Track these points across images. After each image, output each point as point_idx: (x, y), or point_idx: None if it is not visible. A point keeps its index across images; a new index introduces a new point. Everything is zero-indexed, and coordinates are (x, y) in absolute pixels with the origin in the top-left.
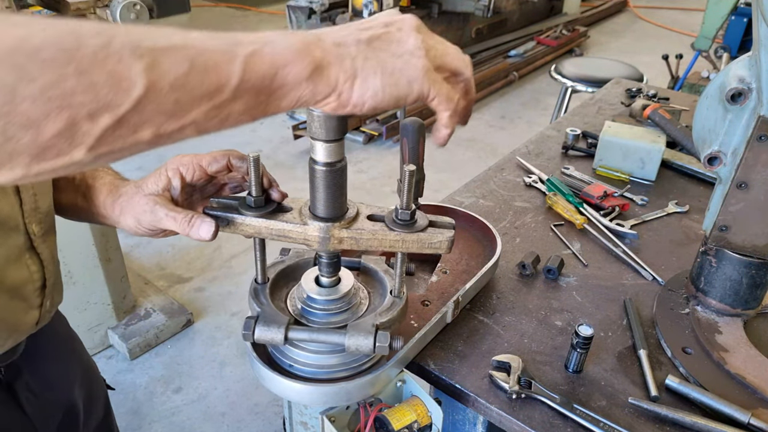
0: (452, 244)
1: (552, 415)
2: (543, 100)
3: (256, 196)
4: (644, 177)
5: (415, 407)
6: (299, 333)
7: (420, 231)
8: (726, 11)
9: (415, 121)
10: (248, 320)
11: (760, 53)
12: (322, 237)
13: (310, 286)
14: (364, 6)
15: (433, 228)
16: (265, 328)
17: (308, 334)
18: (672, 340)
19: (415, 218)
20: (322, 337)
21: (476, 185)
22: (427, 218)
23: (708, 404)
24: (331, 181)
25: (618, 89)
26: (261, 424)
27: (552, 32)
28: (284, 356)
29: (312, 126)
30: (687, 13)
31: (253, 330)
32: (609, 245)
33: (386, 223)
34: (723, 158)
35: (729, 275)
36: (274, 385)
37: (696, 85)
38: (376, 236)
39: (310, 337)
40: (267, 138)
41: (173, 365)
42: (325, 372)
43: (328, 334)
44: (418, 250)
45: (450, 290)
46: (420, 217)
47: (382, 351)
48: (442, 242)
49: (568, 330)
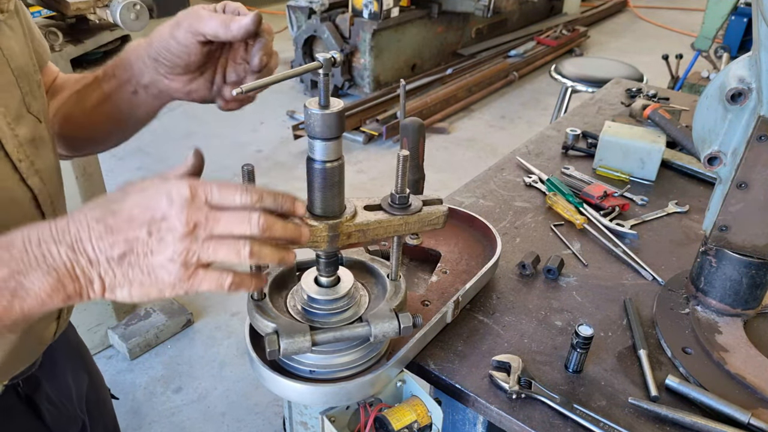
0: (447, 218)
1: (552, 415)
2: (543, 100)
3: None
4: (644, 177)
5: (415, 407)
6: (324, 336)
7: (418, 212)
8: (726, 11)
9: (415, 121)
10: (269, 337)
11: (760, 53)
12: (331, 235)
13: (314, 288)
14: (364, 6)
15: (428, 206)
16: (289, 340)
17: (332, 334)
18: (672, 340)
19: (410, 201)
20: (347, 334)
21: (476, 185)
22: (418, 199)
23: (708, 404)
24: (332, 179)
25: (618, 89)
26: (261, 424)
27: (552, 32)
28: (290, 359)
29: (311, 125)
30: (687, 13)
31: (278, 345)
32: (609, 245)
33: (386, 210)
34: (723, 158)
35: (729, 275)
36: (275, 386)
37: (696, 85)
38: (381, 224)
39: (335, 337)
40: (267, 138)
41: (173, 365)
42: (325, 372)
43: (351, 330)
44: (419, 229)
45: (450, 290)
46: (413, 199)
47: (408, 332)
48: (439, 217)
49: (568, 330)
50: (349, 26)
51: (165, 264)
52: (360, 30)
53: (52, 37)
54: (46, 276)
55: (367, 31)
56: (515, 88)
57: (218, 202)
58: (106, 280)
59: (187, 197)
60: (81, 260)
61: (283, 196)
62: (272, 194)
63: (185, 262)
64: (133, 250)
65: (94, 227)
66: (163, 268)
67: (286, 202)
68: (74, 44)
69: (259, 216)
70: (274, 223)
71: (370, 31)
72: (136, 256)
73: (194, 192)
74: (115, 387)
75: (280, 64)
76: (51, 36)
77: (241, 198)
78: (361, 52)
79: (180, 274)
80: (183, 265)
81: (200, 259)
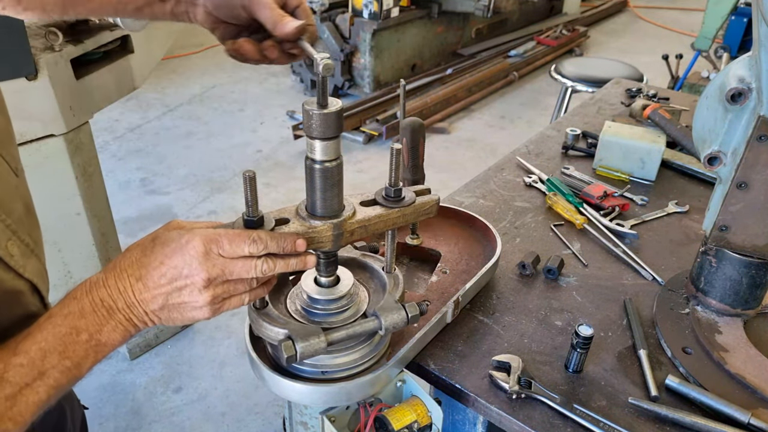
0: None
1: (552, 415)
2: (543, 100)
3: (254, 217)
4: (644, 177)
5: (415, 407)
6: (337, 334)
7: (413, 203)
8: (726, 11)
9: (415, 121)
10: (285, 343)
11: (760, 53)
12: (336, 234)
13: (316, 289)
14: (364, 6)
15: (421, 197)
16: (305, 343)
17: (345, 332)
18: (672, 340)
19: (403, 193)
20: (359, 330)
21: (476, 185)
22: (410, 190)
23: (708, 404)
24: (332, 178)
25: (618, 89)
26: (261, 424)
27: (552, 32)
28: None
29: (309, 125)
30: (687, 13)
31: (295, 349)
32: (609, 245)
33: (382, 204)
34: (723, 158)
35: (729, 275)
36: (275, 386)
37: (696, 85)
38: (381, 218)
39: (348, 335)
40: (267, 138)
41: (173, 365)
42: (325, 372)
43: (363, 326)
44: (415, 219)
45: (450, 290)
46: (405, 191)
47: (415, 320)
48: (432, 206)
49: (568, 330)
50: (349, 26)
51: (197, 308)
52: (360, 30)
53: (52, 37)
54: (116, 331)
55: (367, 31)
56: (515, 88)
57: (229, 254)
58: (155, 321)
59: (202, 254)
60: (135, 312)
61: (285, 239)
62: (275, 239)
63: (212, 304)
64: (168, 302)
65: (135, 285)
66: (196, 310)
67: (288, 244)
68: (74, 44)
69: (263, 263)
70: (275, 265)
71: (370, 31)
72: (173, 305)
73: (208, 249)
74: (115, 387)
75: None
76: (51, 36)
77: (248, 248)
78: (361, 52)
79: (209, 312)
80: (210, 306)
81: (223, 298)
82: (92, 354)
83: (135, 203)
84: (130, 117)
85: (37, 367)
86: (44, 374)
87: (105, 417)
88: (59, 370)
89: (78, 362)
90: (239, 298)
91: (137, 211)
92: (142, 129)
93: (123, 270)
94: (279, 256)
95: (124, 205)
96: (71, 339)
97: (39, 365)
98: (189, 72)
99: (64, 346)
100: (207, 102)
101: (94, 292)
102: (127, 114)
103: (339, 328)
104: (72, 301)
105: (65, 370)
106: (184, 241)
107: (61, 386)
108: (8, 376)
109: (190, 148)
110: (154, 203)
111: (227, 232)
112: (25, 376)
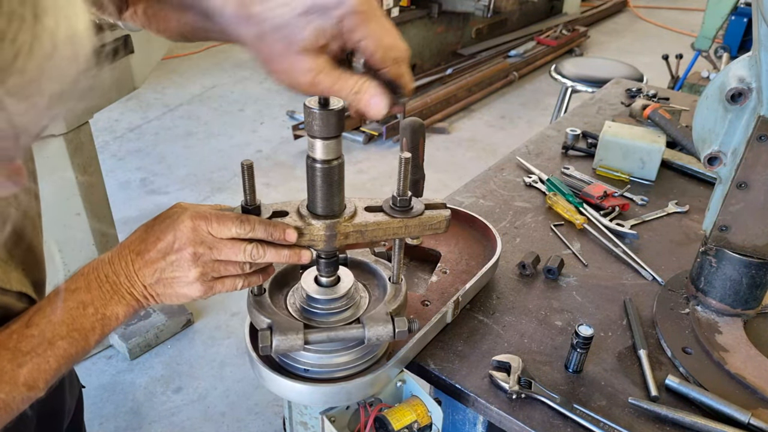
0: (449, 223)
1: (552, 415)
2: (543, 100)
3: (251, 205)
4: (644, 177)
5: (415, 407)
6: (317, 335)
7: (419, 215)
8: (726, 11)
9: (415, 121)
10: (263, 333)
11: (760, 53)
12: (328, 235)
13: (314, 288)
14: None
15: (430, 210)
16: (282, 337)
17: (326, 334)
18: (672, 340)
19: (412, 204)
20: (341, 335)
21: (476, 185)
22: (421, 202)
23: (708, 404)
24: (332, 178)
25: (618, 89)
26: (261, 424)
27: (552, 32)
28: (287, 357)
29: (310, 123)
30: (687, 13)
31: (270, 341)
32: (609, 245)
33: (386, 211)
34: (723, 158)
35: (729, 275)
36: (275, 386)
37: (696, 85)
38: (380, 226)
39: (329, 337)
40: (267, 138)
41: (173, 365)
42: (325, 371)
43: (346, 331)
44: (420, 233)
45: (450, 290)
46: (415, 202)
47: (402, 336)
48: (441, 222)
49: (568, 330)
50: None
51: (188, 284)
52: None
53: None
54: (119, 305)
55: None
56: (515, 88)
57: (217, 232)
58: (155, 296)
59: (190, 228)
60: (136, 286)
61: (275, 226)
62: (264, 225)
63: (202, 281)
64: (162, 276)
65: (135, 260)
66: (188, 286)
67: (277, 231)
68: None
69: (252, 248)
70: (265, 252)
71: None
72: (167, 280)
73: (196, 225)
74: (115, 387)
75: None
76: None
77: (236, 229)
78: None
79: (201, 289)
80: (200, 282)
81: (213, 276)
82: (99, 326)
83: (135, 203)
84: (130, 117)
85: (47, 339)
86: (54, 345)
87: (105, 417)
88: (68, 342)
89: (85, 334)
90: (232, 281)
91: (137, 211)
92: (142, 129)
93: (125, 246)
94: (270, 245)
95: (124, 205)
96: (78, 312)
97: (49, 336)
98: (189, 72)
99: (72, 319)
100: (207, 102)
101: (100, 269)
102: (127, 114)
103: (322, 330)
104: (80, 277)
105: (73, 341)
106: (176, 217)
107: (70, 356)
108: (21, 346)
109: (190, 148)
110: (154, 203)
111: (218, 213)
112: (37, 347)
